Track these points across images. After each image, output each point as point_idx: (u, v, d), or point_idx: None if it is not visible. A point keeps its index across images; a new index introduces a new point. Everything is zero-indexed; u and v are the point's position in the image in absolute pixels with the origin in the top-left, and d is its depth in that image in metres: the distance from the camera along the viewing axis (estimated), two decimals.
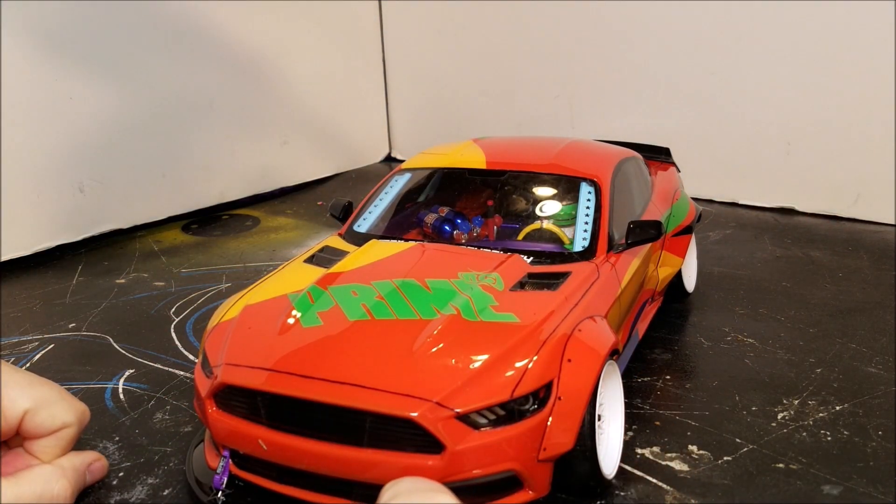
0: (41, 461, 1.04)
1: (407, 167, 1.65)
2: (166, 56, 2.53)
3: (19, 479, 0.99)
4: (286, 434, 1.03)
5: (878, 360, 1.47)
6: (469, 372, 1.01)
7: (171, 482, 1.17)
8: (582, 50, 2.83)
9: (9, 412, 0.99)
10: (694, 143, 2.60)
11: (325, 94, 3.18)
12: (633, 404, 1.34)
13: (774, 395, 1.36)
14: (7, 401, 0.99)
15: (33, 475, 1.01)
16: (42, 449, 1.04)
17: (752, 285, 1.88)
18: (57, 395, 1.04)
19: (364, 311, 1.14)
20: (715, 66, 2.56)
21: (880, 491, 1.10)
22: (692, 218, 1.77)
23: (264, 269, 2.09)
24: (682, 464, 1.18)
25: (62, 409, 1.03)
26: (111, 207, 2.45)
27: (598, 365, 1.08)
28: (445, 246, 1.38)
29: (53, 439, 1.04)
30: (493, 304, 1.15)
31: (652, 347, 1.56)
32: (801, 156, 2.47)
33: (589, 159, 1.57)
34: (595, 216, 1.40)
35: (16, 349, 1.65)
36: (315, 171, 3.19)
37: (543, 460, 1.02)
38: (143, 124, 2.50)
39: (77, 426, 1.06)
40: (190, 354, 1.61)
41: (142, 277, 2.09)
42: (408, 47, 3.36)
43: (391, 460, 0.98)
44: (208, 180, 2.74)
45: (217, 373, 1.09)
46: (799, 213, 2.51)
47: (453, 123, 3.28)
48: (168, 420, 1.35)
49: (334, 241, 1.49)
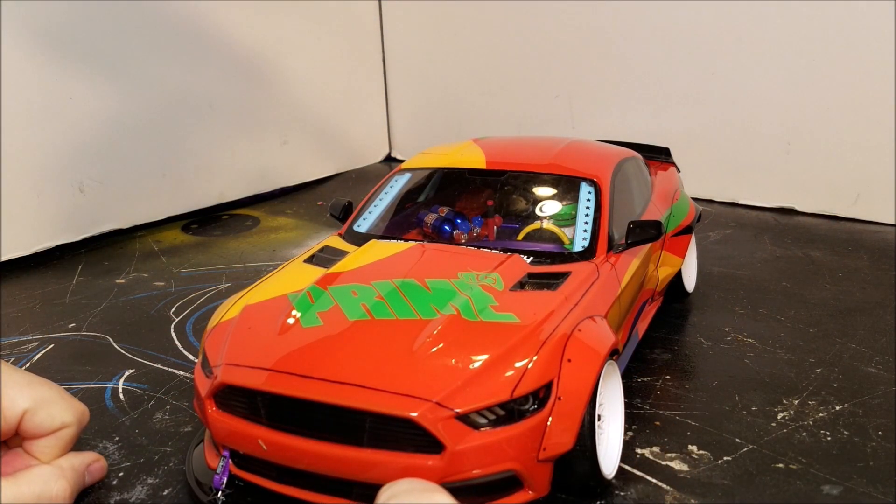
0: (40, 461, 1.04)
1: (407, 167, 1.65)
2: (166, 56, 2.53)
3: (18, 479, 0.99)
4: (286, 434, 1.03)
5: (878, 360, 1.47)
6: (469, 372, 1.01)
7: (171, 482, 1.17)
8: (582, 50, 2.83)
9: (8, 412, 0.99)
10: (694, 143, 2.60)
11: (325, 94, 3.18)
12: (633, 404, 1.34)
13: (774, 395, 1.36)
14: (6, 400, 0.99)
15: (32, 475, 1.01)
16: (41, 449, 1.04)
17: (752, 285, 1.88)
18: (56, 394, 1.04)
19: (364, 311, 1.14)
20: (715, 66, 2.56)
21: (880, 491, 1.10)
22: (692, 218, 1.77)
23: (264, 269, 2.09)
24: (682, 464, 1.18)
25: (61, 409, 1.03)
26: (111, 207, 2.45)
27: (598, 365, 1.08)
28: (445, 246, 1.38)
29: (53, 439, 1.03)
30: (493, 304, 1.15)
31: (652, 347, 1.56)
32: (801, 156, 2.47)
33: (589, 159, 1.57)
34: (595, 216, 1.40)
35: (16, 349, 1.65)
36: (315, 171, 3.19)
37: (543, 460, 1.02)
38: (143, 124, 2.50)
39: (76, 426, 1.06)
40: (190, 354, 1.61)
41: (142, 277, 2.09)
42: (408, 47, 3.36)
43: (391, 460, 0.98)
44: (208, 180, 2.74)
45: (217, 373, 1.09)
46: (799, 213, 2.51)
47: (453, 123, 3.28)
48: (168, 420, 1.35)
49: (334, 241, 1.49)
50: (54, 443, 1.04)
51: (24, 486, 0.99)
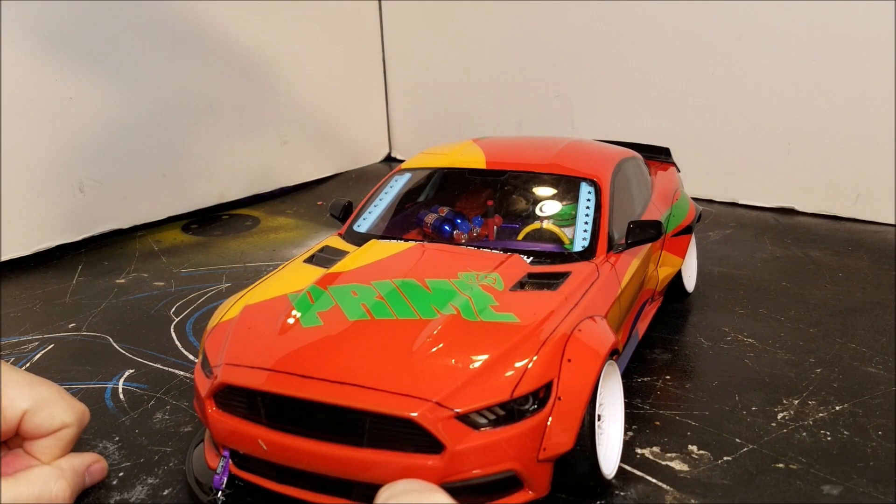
0: (41, 462, 1.04)
1: (407, 167, 1.65)
2: (166, 56, 2.53)
3: (18, 479, 0.99)
4: (286, 434, 1.03)
5: (878, 360, 1.47)
6: (469, 372, 1.01)
7: (171, 482, 1.17)
8: (582, 50, 2.83)
9: (8, 412, 0.99)
10: (694, 143, 2.60)
11: (325, 94, 3.18)
12: (633, 404, 1.34)
13: (774, 395, 1.36)
14: (6, 401, 0.99)
15: (32, 476, 1.01)
16: (41, 449, 1.03)
17: (752, 285, 1.88)
18: (56, 395, 1.04)
19: (364, 311, 1.14)
20: (715, 67, 2.56)
21: (880, 491, 1.10)
22: (692, 218, 1.77)
23: (264, 269, 2.09)
24: (682, 464, 1.18)
25: (62, 409, 1.03)
26: (111, 207, 2.45)
27: (598, 365, 1.08)
28: (445, 246, 1.38)
29: (53, 440, 1.03)
30: (493, 304, 1.15)
31: (652, 347, 1.56)
32: (801, 156, 2.47)
33: (589, 159, 1.57)
34: (595, 216, 1.40)
35: (16, 349, 1.65)
36: (315, 171, 3.19)
37: (543, 460, 1.02)
38: (143, 124, 2.50)
39: (77, 426, 1.05)
40: (190, 354, 1.61)
41: (142, 277, 2.09)
42: (408, 47, 3.36)
43: (391, 460, 0.98)
44: (208, 180, 2.74)
45: (217, 373, 1.09)
46: (799, 213, 2.51)
47: (453, 123, 3.28)
48: (168, 420, 1.35)
49: (334, 241, 1.49)
50: (54, 443, 1.03)
51: (24, 487, 0.99)
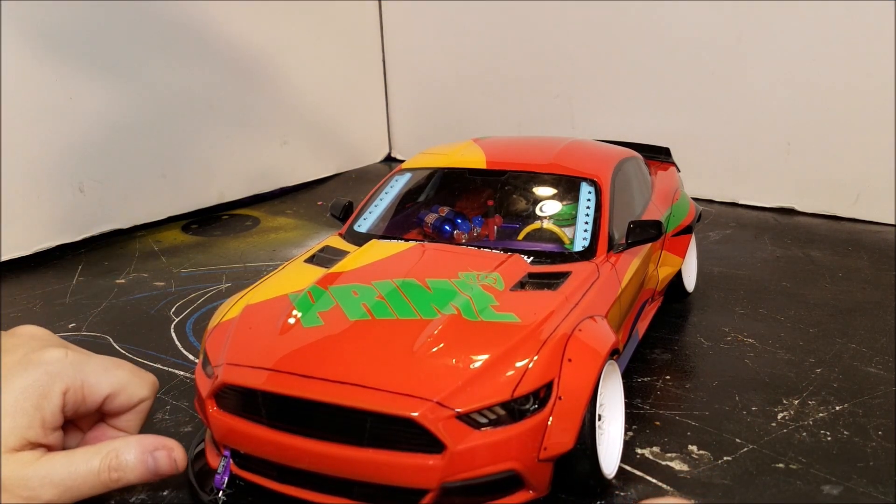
0: (126, 433, 1.11)
1: (407, 167, 1.65)
2: (166, 56, 2.53)
3: (89, 450, 1.02)
4: (287, 434, 1.03)
5: (878, 360, 1.48)
6: (469, 372, 1.01)
7: (171, 482, 1.17)
8: (582, 50, 2.83)
9: (90, 399, 1.05)
10: (694, 143, 2.60)
11: (325, 94, 3.17)
12: (633, 404, 1.34)
13: (774, 395, 1.36)
14: (88, 389, 1.04)
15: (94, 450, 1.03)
16: (124, 423, 1.11)
17: (752, 285, 1.88)
18: (129, 374, 1.09)
19: (364, 311, 1.14)
20: (715, 67, 2.56)
21: (880, 491, 1.10)
22: (692, 218, 1.77)
23: (264, 269, 2.09)
24: (682, 464, 1.18)
25: (138, 387, 1.09)
26: (111, 207, 2.45)
27: (599, 365, 1.08)
28: (446, 246, 1.38)
29: (132, 414, 1.11)
30: (493, 303, 1.15)
31: (652, 347, 1.56)
32: (801, 156, 2.47)
33: (589, 159, 1.57)
34: (595, 216, 1.40)
35: None
36: (315, 171, 3.19)
37: (544, 460, 1.02)
38: (143, 124, 2.50)
39: (152, 398, 1.13)
40: (190, 354, 1.61)
41: (142, 277, 2.09)
42: (408, 47, 3.36)
43: (392, 460, 0.98)
44: (208, 180, 2.74)
45: (218, 372, 1.09)
46: (799, 213, 2.51)
47: (453, 123, 3.28)
48: (168, 420, 1.35)
49: (334, 241, 1.49)
50: (135, 416, 1.11)
51: (94, 458, 1.01)
